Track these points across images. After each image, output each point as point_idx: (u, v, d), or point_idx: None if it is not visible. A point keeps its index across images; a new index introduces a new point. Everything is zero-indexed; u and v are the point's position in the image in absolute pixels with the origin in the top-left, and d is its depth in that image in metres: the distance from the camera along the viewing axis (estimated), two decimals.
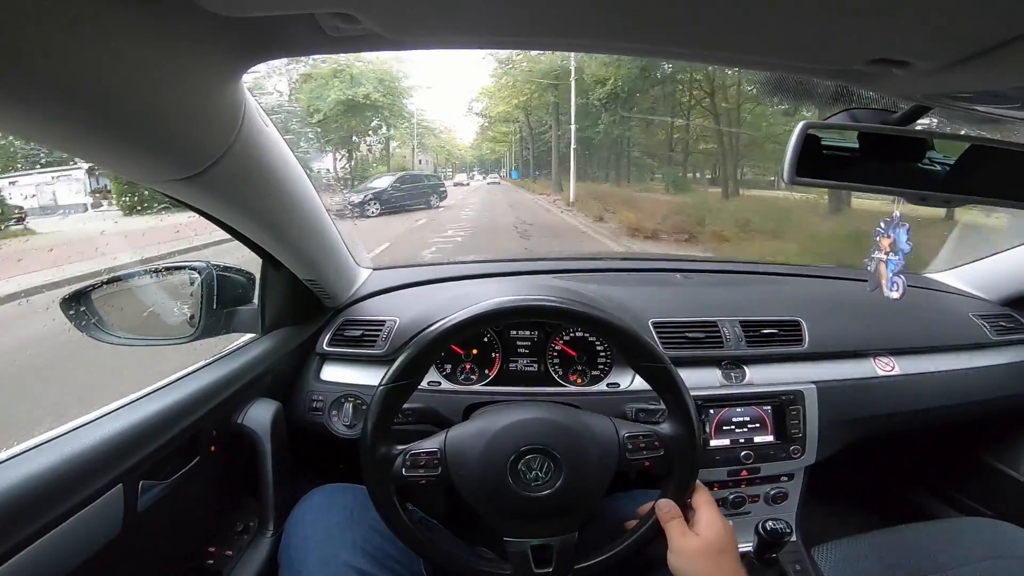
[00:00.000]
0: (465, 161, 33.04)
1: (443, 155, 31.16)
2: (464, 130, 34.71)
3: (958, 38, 0.42)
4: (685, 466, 0.79)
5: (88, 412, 0.73)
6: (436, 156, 30.44)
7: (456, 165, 32.36)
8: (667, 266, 1.60)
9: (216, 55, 0.50)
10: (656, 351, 0.80)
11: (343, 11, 0.42)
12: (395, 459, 0.77)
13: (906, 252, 0.75)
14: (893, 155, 0.67)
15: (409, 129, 23.09)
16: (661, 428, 0.81)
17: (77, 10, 0.36)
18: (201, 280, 1.00)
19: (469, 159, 33.21)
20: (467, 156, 32.96)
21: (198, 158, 0.58)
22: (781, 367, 1.20)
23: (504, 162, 31.30)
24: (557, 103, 18.94)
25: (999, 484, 1.41)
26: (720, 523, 0.75)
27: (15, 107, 0.39)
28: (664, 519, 0.76)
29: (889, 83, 0.56)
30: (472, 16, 0.46)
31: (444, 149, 30.76)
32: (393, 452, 0.78)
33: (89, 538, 0.65)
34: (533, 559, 0.75)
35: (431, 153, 29.38)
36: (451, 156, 32.11)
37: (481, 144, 30.00)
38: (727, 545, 0.73)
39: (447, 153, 31.39)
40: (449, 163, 31.73)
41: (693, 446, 0.79)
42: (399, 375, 0.78)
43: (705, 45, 0.50)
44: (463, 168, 32.57)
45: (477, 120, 26.39)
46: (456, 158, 32.30)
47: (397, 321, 1.17)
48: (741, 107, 14.31)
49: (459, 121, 40.30)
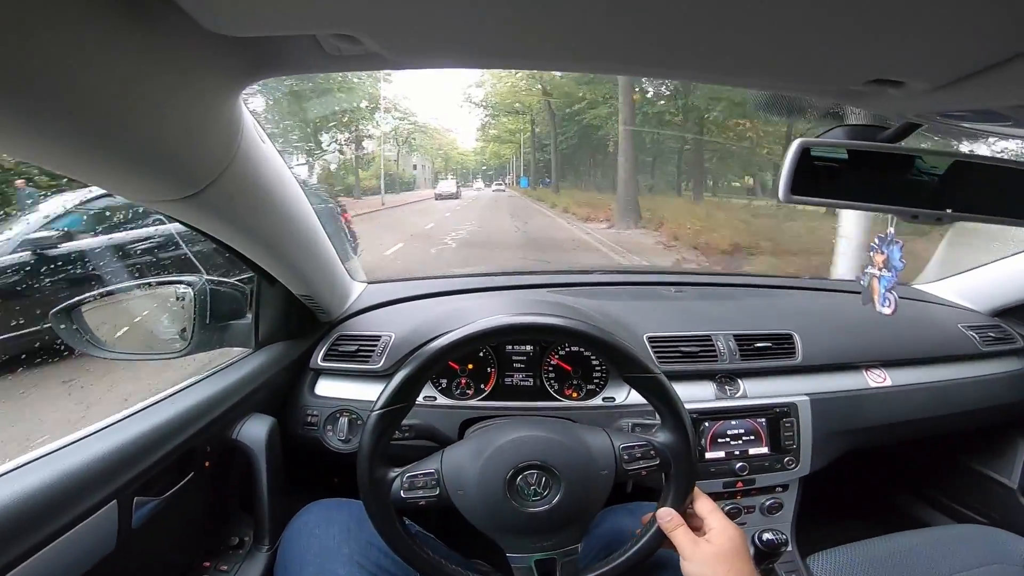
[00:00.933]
0: (467, 167, 30.38)
1: (440, 159, 28.59)
2: (465, 134, 31.88)
3: (953, 59, 0.43)
4: (681, 473, 0.79)
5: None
6: (433, 161, 27.99)
7: (456, 172, 30.10)
8: (660, 279, 1.60)
9: (216, 74, 0.50)
10: (644, 362, 0.80)
11: (345, 32, 0.43)
12: (393, 482, 0.77)
13: (899, 269, 0.76)
14: (886, 172, 0.68)
15: (393, 126, 20.50)
16: (656, 437, 0.81)
17: (76, 30, 0.35)
18: (194, 294, 0.99)
19: (472, 165, 30.33)
20: (469, 162, 30.10)
21: (197, 177, 0.58)
22: (775, 380, 1.20)
23: (510, 168, 27.67)
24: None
25: (991, 492, 1.43)
26: (731, 527, 0.75)
27: (13, 127, 0.39)
28: (669, 528, 0.75)
29: (884, 102, 0.57)
30: (471, 37, 0.46)
31: (441, 152, 28.25)
32: (391, 475, 0.77)
33: (84, 555, 0.64)
34: (537, 573, 0.75)
35: (426, 156, 26.58)
36: (450, 160, 29.49)
37: (485, 148, 26.99)
38: (741, 549, 0.73)
39: (445, 156, 28.85)
40: (448, 168, 29.65)
41: (689, 453, 0.79)
42: (392, 399, 0.77)
43: (703, 66, 0.51)
44: (465, 176, 29.65)
45: (478, 117, 23.42)
46: (456, 163, 30.09)
47: (392, 336, 1.17)
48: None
49: (458, 122, 38.34)
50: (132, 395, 1.04)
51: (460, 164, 30.25)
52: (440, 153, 28.53)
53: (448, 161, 29.65)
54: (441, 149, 28.13)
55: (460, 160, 30.09)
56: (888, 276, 0.78)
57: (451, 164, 29.75)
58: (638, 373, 0.80)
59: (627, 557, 0.78)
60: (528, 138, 23.07)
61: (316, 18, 0.41)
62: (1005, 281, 1.45)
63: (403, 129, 22.95)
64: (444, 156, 29.27)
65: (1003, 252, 1.44)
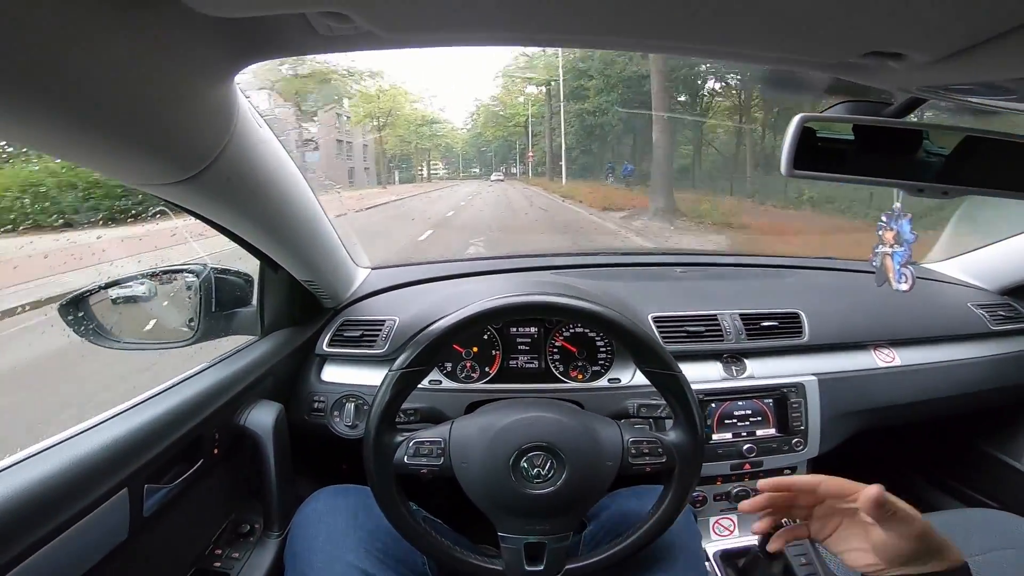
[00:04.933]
0: (457, 153, 22.47)
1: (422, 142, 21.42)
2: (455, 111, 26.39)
3: (952, 31, 0.42)
4: (685, 475, 0.79)
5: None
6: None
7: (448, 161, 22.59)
8: (664, 260, 1.60)
9: (208, 56, 0.50)
10: (668, 358, 0.79)
11: (335, 10, 0.42)
12: (398, 447, 0.77)
13: (911, 241, 0.74)
14: (889, 147, 0.67)
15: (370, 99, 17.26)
16: (667, 436, 0.80)
17: (67, 12, 0.35)
18: (199, 283, 1.00)
19: (466, 150, 22.27)
20: (461, 145, 22.22)
21: (192, 160, 0.58)
22: (781, 360, 1.20)
23: (514, 155, 20.40)
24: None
25: (1002, 475, 1.41)
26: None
27: (5, 111, 0.39)
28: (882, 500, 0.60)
29: (884, 76, 0.56)
30: (465, 13, 0.45)
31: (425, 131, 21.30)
32: (396, 440, 0.78)
33: (98, 542, 0.65)
34: (526, 556, 0.76)
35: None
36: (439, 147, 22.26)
37: (484, 130, 20.51)
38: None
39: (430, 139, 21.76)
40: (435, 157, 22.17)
41: (696, 456, 0.79)
42: (415, 361, 0.77)
43: (699, 39, 0.50)
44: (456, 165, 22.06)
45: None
46: (445, 149, 22.56)
47: (397, 320, 1.17)
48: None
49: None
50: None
51: (448, 149, 22.80)
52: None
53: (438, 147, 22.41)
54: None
55: (448, 144, 22.64)
56: (901, 251, 0.77)
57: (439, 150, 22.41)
58: (659, 369, 0.79)
59: (617, 550, 0.78)
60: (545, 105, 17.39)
61: None
62: (1015, 259, 1.42)
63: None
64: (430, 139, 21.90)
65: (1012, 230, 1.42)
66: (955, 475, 1.55)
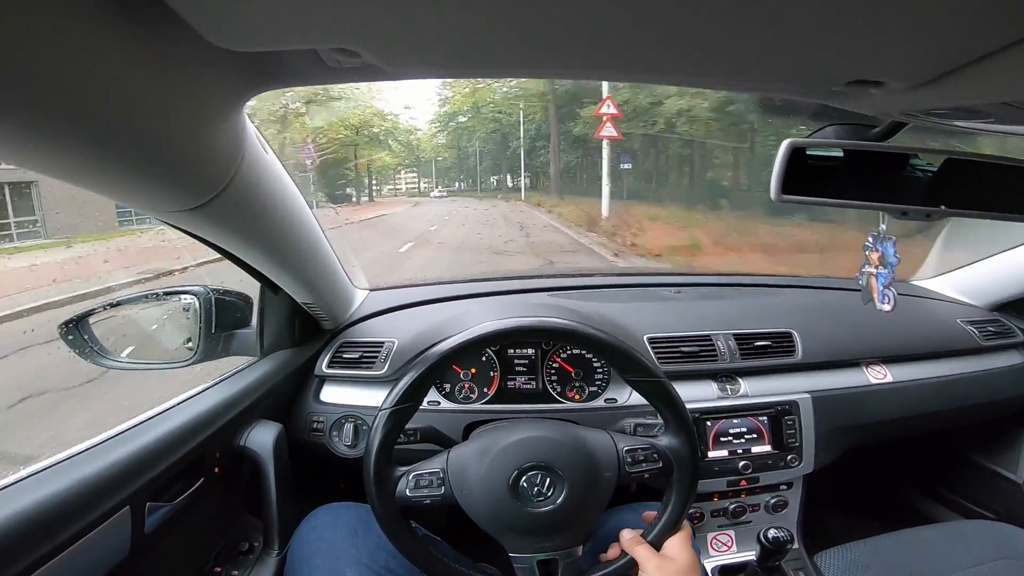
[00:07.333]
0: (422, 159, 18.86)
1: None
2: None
3: (927, 59, 0.45)
4: (685, 476, 0.81)
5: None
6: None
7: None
8: (658, 281, 1.61)
9: (220, 86, 0.51)
10: (648, 365, 0.81)
11: (345, 47, 0.44)
12: (399, 481, 0.78)
13: (894, 265, 0.77)
14: (876, 171, 0.69)
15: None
16: (659, 440, 0.82)
17: (83, 42, 0.36)
18: (199, 304, 1.01)
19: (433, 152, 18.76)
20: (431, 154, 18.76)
21: (203, 189, 0.59)
22: (775, 378, 1.21)
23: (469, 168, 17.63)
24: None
25: (996, 486, 1.43)
26: (689, 546, 0.80)
27: (24, 139, 0.40)
28: (629, 546, 0.79)
29: (867, 102, 0.58)
30: (465, 48, 0.47)
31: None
32: (396, 474, 0.79)
33: (99, 560, 0.65)
34: (539, 574, 0.76)
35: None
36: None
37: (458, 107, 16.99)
38: (697, 567, 0.78)
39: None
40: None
41: (692, 457, 0.80)
42: (401, 399, 0.79)
43: (689, 71, 0.52)
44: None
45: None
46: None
47: (396, 342, 1.18)
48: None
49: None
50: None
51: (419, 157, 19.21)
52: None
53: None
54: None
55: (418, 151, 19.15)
56: (885, 273, 0.79)
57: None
58: (642, 377, 0.81)
59: (624, 562, 0.79)
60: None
61: (317, 33, 0.42)
62: (1003, 275, 1.45)
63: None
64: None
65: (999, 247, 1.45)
66: (950, 487, 1.57)
